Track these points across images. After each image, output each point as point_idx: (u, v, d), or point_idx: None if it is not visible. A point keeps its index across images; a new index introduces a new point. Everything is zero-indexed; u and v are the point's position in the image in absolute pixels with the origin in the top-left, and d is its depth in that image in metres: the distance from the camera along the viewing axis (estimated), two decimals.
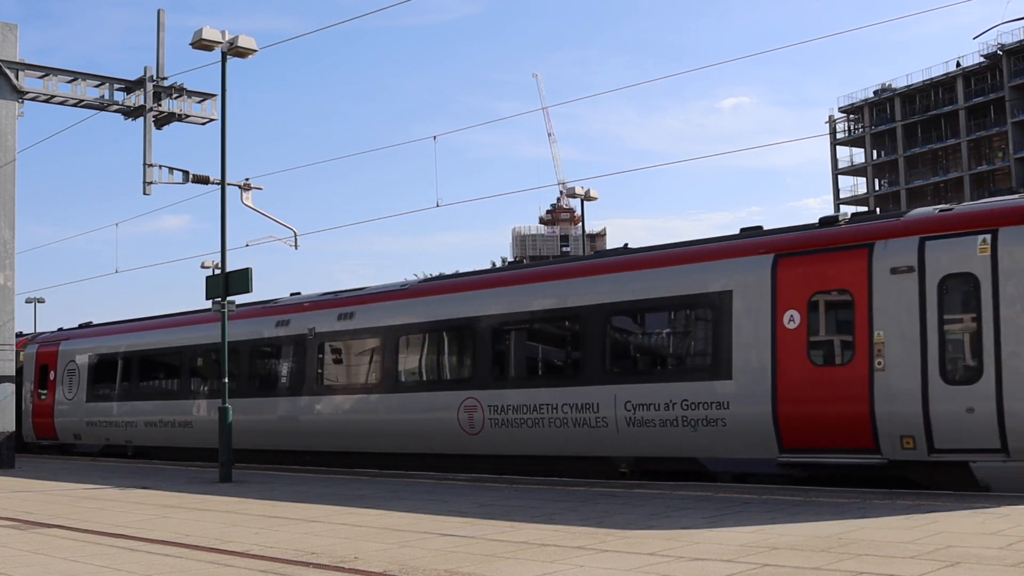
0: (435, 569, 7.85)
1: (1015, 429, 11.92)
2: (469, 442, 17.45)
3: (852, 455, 13.18)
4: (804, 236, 14.55)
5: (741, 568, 7.39)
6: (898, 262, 13.03)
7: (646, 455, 15.37)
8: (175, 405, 23.84)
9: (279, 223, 23.50)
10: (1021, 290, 12.19)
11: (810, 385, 13.60)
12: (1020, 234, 12.29)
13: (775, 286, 14.09)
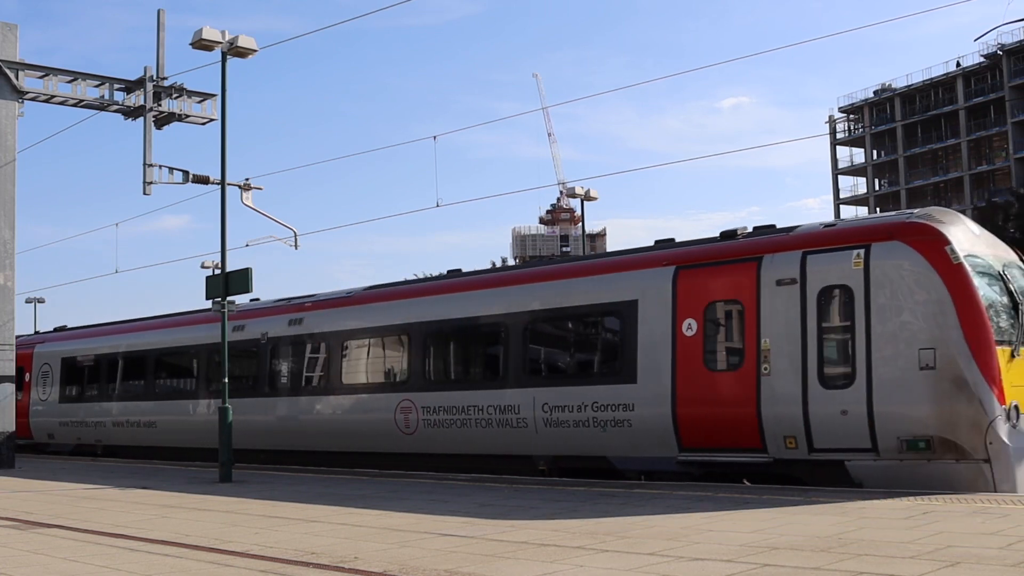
0: (435, 569, 7.85)
1: (884, 430, 12.80)
2: (405, 441, 18.43)
3: (742, 454, 14.08)
4: (702, 249, 15.61)
5: (741, 568, 7.39)
6: (782, 274, 13.95)
7: (562, 454, 16.29)
8: (140, 406, 24.97)
9: (279, 223, 23.52)
10: (890, 301, 13.07)
11: (705, 389, 14.54)
12: (890, 249, 13.22)
13: (675, 296, 15.08)
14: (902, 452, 12.78)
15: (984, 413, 12.35)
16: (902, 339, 12.97)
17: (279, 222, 23.58)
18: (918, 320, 12.95)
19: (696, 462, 14.60)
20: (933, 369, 12.67)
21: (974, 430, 12.37)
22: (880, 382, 12.96)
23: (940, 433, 12.56)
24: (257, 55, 18.44)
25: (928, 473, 12.63)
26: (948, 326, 12.70)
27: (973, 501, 11.13)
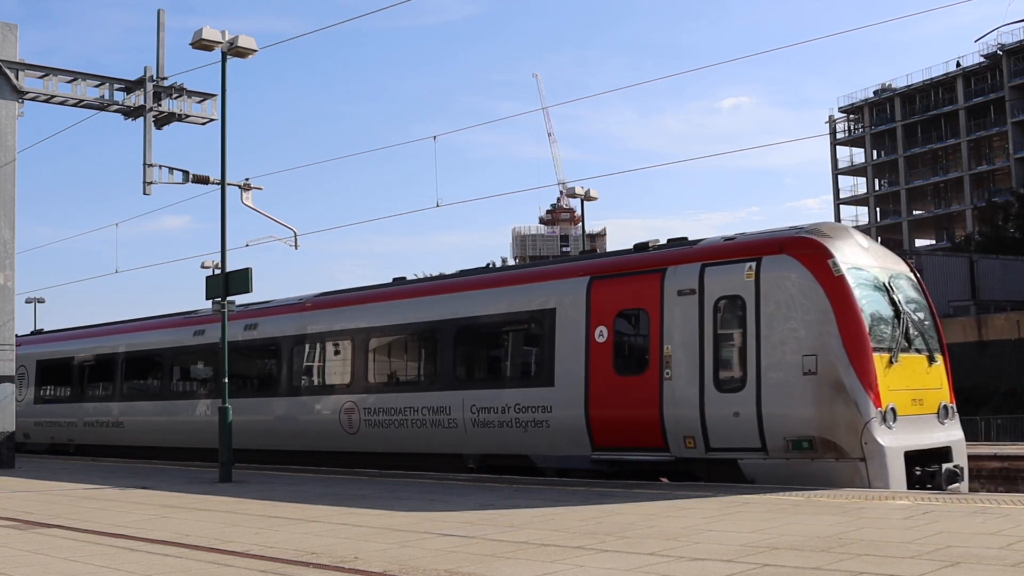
0: (435, 569, 7.85)
1: (771, 431, 13.70)
2: (349, 441, 19.52)
3: (647, 453, 15.08)
4: (614, 261, 16.74)
5: (741, 568, 7.39)
6: (683, 285, 14.91)
7: (488, 452, 17.28)
8: (108, 407, 26.20)
9: (279, 223, 23.52)
10: (777, 310, 13.96)
11: (615, 392, 15.48)
12: (778, 262, 14.12)
13: (589, 305, 16.04)
14: (788, 451, 13.64)
15: (860, 415, 13.20)
16: (788, 346, 13.81)
17: (279, 222, 23.59)
18: (802, 328, 13.79)
19: (607, 460, 15.58)
20: (815, 374, 13.50)
21: (851, 431, 13.21)
22: (768, 386, 13.81)
23: (821, 434, 13.41)
24: (257, 55, 18.43)
25: (812, 471, 13.44)
26: (828, 334, 13.52)
27: (973, 501, 11.13)
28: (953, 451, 14.57)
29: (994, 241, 64.11)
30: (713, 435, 14.29)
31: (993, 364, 42.29)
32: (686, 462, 14.72)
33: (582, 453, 15.81)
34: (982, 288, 49.04)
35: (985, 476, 23.12)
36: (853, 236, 14.96)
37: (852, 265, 14.08)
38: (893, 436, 13.33)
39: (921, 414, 14.21)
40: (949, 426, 14.80)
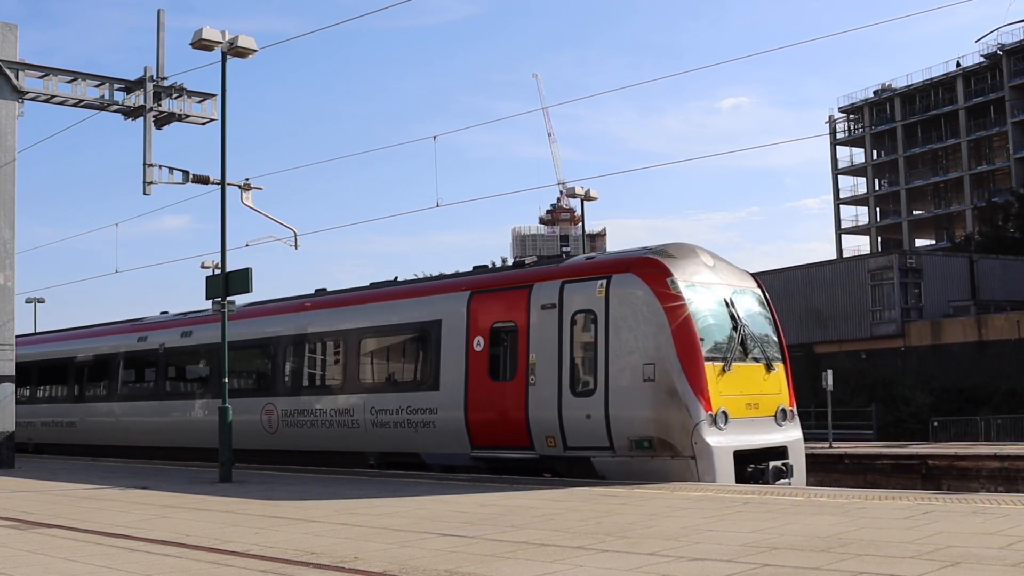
0: (435, 569, 7.85)
1: (618, 432, 15.24)
2: (269, 439, 21.24)
3: (516, 451, 16.62)
4: (492, 277, 18.51)
5: (741, 568, 7.40)
6: (546, 300, 16.45)
7: (386, 451, 18.90)
8: (62, 408, 27.81)
9: (279, 223, 23.50)
10: (623, 323, 15.48)
11: (489, 396, 17.03)
12: (625, 280, 15.64)
13: (469, 317, 17.62)
14: (632, 450, 15.21)
15: (691, 418, 14.69)
16: (631, 355, 15.34)
17: (279, 222, 23.57)
18: (643, 339, 15.33)
19: (484, 458, 17.16)
20: (653, 381, 15.05)
21: (683, 432, 14.73)
22: (615, 391, 15.36)
23: (658, 434, 14.99)
24: (257, 55, 18.42)
25: (652, 467, 14.96)
26: (665, 345, 15.04)
27: (973, 501, 11.14)
28: (789, 450, 16.02)
29: (994, 241, 64.07)
30: (570, 435, 15.80)
31: (993, 364, 42.29)
32: (549, 459, 16.22)
33: (463, 451, 17.39)
34: (982, 288, 49.03)
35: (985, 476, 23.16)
36: (699, 256, 16.45)
37: (692, 283, 15.63)
38: (722, 437, 14.80)
39: (757, 417, 15.70)
40: (787, 427, 16.30)
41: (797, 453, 16.17)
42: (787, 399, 16.53)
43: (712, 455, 14.57)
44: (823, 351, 48.06)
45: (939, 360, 44.27)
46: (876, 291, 46.88)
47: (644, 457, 15.10)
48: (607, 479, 15.07)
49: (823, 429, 36.77)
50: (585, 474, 15.55)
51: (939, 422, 37.84)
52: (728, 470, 14.75)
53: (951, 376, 43.11)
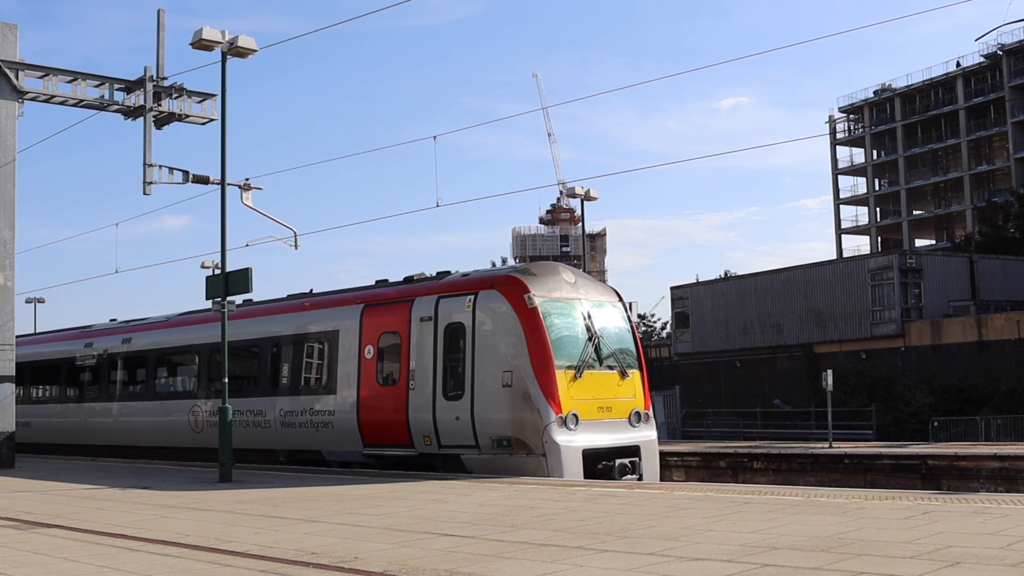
0: (435, 569, 7.85)
1: (482, 432, 16.98)
2: (196, 439, 23.23)
3: (400, 449, 18.43)
4: (382, 292, 20.03)
5: (741, 568, 7.40)
6: (424, 313, 18.20)
7: (293, 448, 20.83)
8: (19, 409, 29.80)
9: (279, 223, 23.51)
10: (487, 335, 17.17)
11: (377, 399, 18.84)
12: (489, 296, 17.34)
13: (361, 328, 19.41)
14: (494, 448, 16.87)
15: (542, 420, 16.30)
16: (493, 364, 16.99)
17: (279, 222, 23.58)
18: (502, 349, 16.98)
19: (373, 455, 18.96)
20: (510, 387, 16.71)
21: (535, 432, 16.39)
22: (479, 396, 17.05)
23: (515, 434, 16.63)
24: (257, 55, 18.43)
25: (511, 464, 16.55)
26: (521, 354, 16.67)
27: (973, 501, 11.14)
28: (642, 449, 17.56)
29: (994, 241, 64.02)
30: (443, 435, 17.56)
31: (993, 364, 42.28)
32: (427, 456, 18.00)
33: (357, 449, 19.27)
34: (982, 288, 49.01)
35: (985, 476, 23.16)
36: (560, 274, 18.13)
37: (550, 298, 17.28)
38: (572, 436, 16.46)
39: (609, 419, 17.30)
40: (641, 429, 17.82)
41: (649, 451, 17.72)
42: (642, 403, 18.01)
43: (560, 453, 16.22)
44: (823, 351, 48.07)
45: (939, 360, 44.27)
46: (876, 291, 46.88)
47: (504, 454, 16.79)
48: (473, 473, 16.86)
49: (823, 429, 36.82)
50: (457, 470, 17.27)
51: (939, 422, 37.84)
52: (576, 466, 16.35)
53: (951, 376, 43.11)
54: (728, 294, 54.19)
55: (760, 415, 47.06)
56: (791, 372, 49.37)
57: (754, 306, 52.01)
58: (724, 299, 54.11)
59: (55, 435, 28.47)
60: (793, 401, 47.95)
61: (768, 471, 26.29)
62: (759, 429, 44.99)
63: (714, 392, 52.43)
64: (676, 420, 49.95)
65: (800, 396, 47.23)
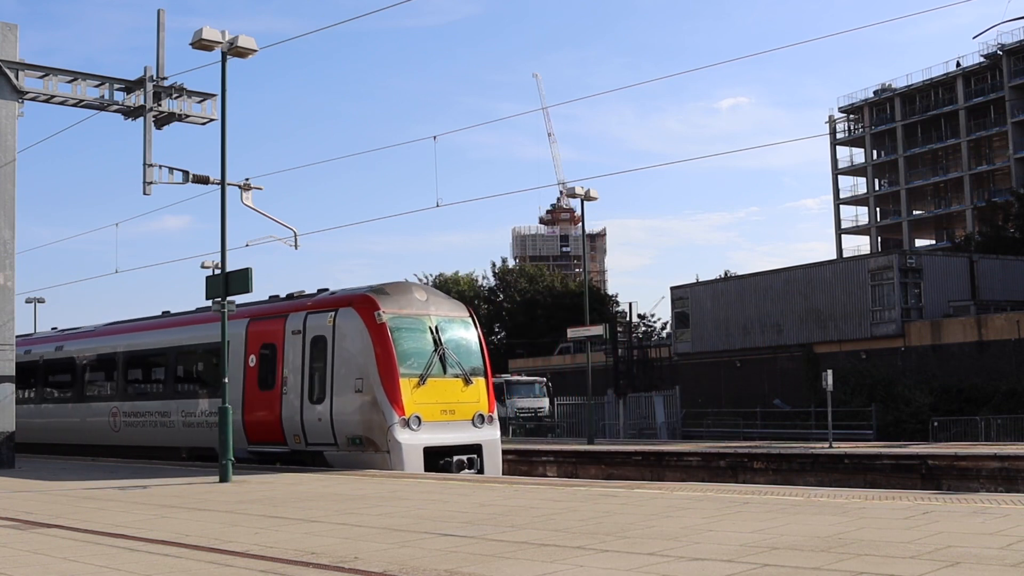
0: (435, 569, 7.85)
1: (340, 432, 19.38)
2: (114, 437, 25.83)
3: (276, 446, 20.89)
4: (265, 307, 22.42)
5: (741, 568, 7.39)
6: (295, 327, 20.53)
7: (193, 446, 23.18)
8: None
9: (279, 223, 23.50)
10: (344, 346, 19.49)
11: (258, 403, 21.20)
12: (346, 313, 19.61)
13: (247, 339, 21.72)
14: (349, 446, 19.29)
15: (386, 421, 18.61)
16: (348, 372, 19.28)
17: (279, 222, 23.57)
18: (355, 359, 19.25)
19: (255, 452, 21.40)
20: (361, 392, 19.04)
21: (381, 432, 18.74)
22: (337, 400, 19.40)
23: (365, 434, 19.05)
24: (257, 55, 18.41)
25: (364, 460, 18.92)
26: (369, 363, 18.96)
27: (973, 501, 11.14)
28: (484, 447, 19.71)
29: (994, 241, 63.99)
30: (309, 434, 19.93)
31: (993, 364, 42.26)
32: (298, 453, 20.34)
33: (243, 446, 21.24)
34: (982, 288, 48.97)
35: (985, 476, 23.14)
36: (413, 292, 20.47)
37: (399, 315, 19.53)
38: (414, 435, 18.67)
39: (453, 420, 19.43)
40: (484, 429, 19.92)
41: (491, 449, 19.87)
42: (485, 407, 20.14)
43: (402, 450, 18.51)
44: (823, 351, 48.06)
45: (939, 360, 44.26)
46: (876, 291, 46.86)
47: (358, 451, 19.14)
48: (334, 468, 19.10)
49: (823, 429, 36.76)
50: (321, 464, 19.58)
51: (939, 422, 37.81)
52: (418, 462, 18.56)
53: (951, 376, 43.08)
54: (728, 294, 54.18)
55: (760, 415, 47.05)
56: (791, 372, 49.36)
57: (754, 306, 52.00)
58: (724, 299, 54.10)
59: (23, 435, 30.77)
60: (793, 401, 47.94)
61: (768, 471, 26.28)
62: (759, 429, 44.97)
63: (714, 392, 52.42)
64: (676, 420, 49.91)
65: (800, 396, 47.21)
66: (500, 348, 79.67)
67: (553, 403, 56.20)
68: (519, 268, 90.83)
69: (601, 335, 39.60)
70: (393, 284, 20.59)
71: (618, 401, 51.53)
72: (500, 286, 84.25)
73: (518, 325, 79.26)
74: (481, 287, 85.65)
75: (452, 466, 18.98)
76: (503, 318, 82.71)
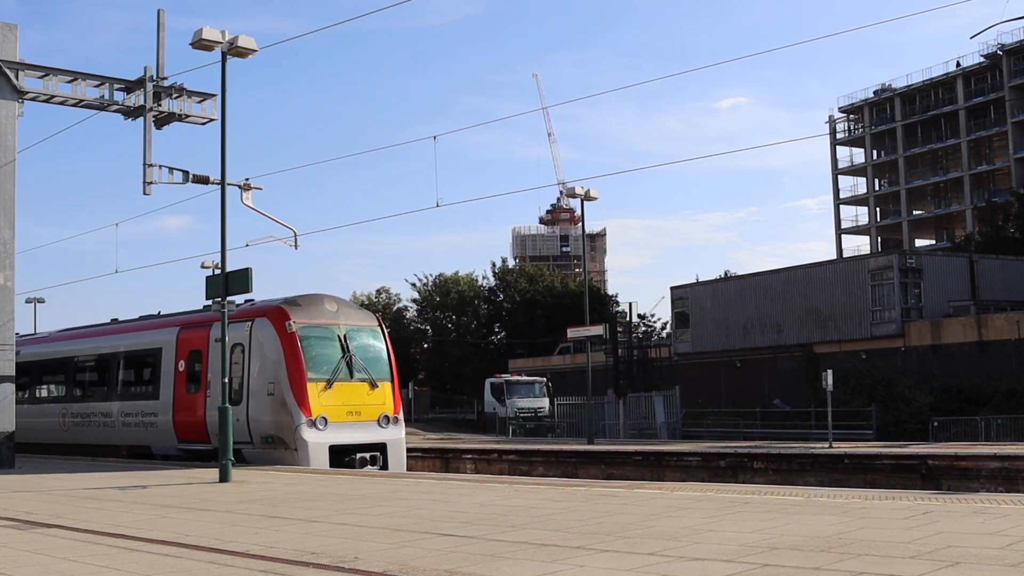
0: (435, 569, 7.85)
1: (255, 431, 21.26)
2: (64, 436, 27.85)
3: (201, 444, 22.71)
4: (194, 317, 24.60)
5: (741, 568, 7.39)
6: (217, 335, 20.54)
7: (131, 444, 25.10)
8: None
9: (279, 223, 23.49)
10: (259, 354, 21.44)
11: (186, 404, 23.22)
12: (261, 323, 21.58)
13: (177, 346, 23.87)
14: (263, 444, 21.19)
15: (294, 421, 20.56)
16: (262, 376, 21.18)
17: (279, 222, 23.55)
18: (268, 365, 21.15)
19: (184, 449, 23.41)
20: (273, 395, 20.93)
21: (290, 431, 20.67)
22: (252, 402, 21.24)
23: (276, 433, 20.92)
24: (257, 56, 18.41)
25: (276, 456, 20.89)
26: (280, 369, 20.88)
27: (973, 501, 11.14)
28: (388, 446, 21.44)
29: (994, 241, 63.94)
30: None
31: (993, 364, 42.24)
32: None
33: (174, 444, 23.62)
34: (982, 288, 48.95)
35: (985, 476, 23.14)
36: (323, 304, 22.17)
37: (309, 324, 21.40)
38: (320, 435, 20.56)
39: (359, 421, 21.18)
40: (389, 429, 21.70)
41: (395, 448, 21.65)
42: (391, 409, 21.86)
43: (308, 448, 20.39)
44: (823, 351, 48.05)
45: (939, 360, 44.26)
46: (876, 291, 46.85)
47: (270, 449, 21.01)
48: (250, 464, 20.93)
49: (823, 429, 36.76)
50: (240, 461, 20.66)
51: (939, 422, 37.81)
52: (323, 459, 20.45)
53: (951, 376, 43.07)
54: (728, 294, 54.18)
55: (760, 415, 47.05)
56: (791, 372, 49.35)
57: (754, 306, 52.00)
58: (724, 299, 54.10)
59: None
60: (793, 401, 47.93)
61: (768, 471, 26.27)
62: (759, 429, 44.97)
63: (714, 392, 52.41)
64: (676, 420, 49.92)
65: (800, 396, 47.20)
66: (500, 348, 79.69)
67: (553, 403, 56.24)
68: (519, 268, 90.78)
69: (601, 335, 39.65)
70: (305, 296, 22.32)
71: (618, 401, 51.55)
72: (500, 286, 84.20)
73: (518, 325, 79.23)
74: (481, 287, 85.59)
75: (356, 463, 20.69)
76: (503, 318, 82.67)
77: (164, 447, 24.15)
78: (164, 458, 23.87)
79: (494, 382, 60.69)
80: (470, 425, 64.97)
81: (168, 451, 24.02)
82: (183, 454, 23.45)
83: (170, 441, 23.68)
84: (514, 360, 72.15)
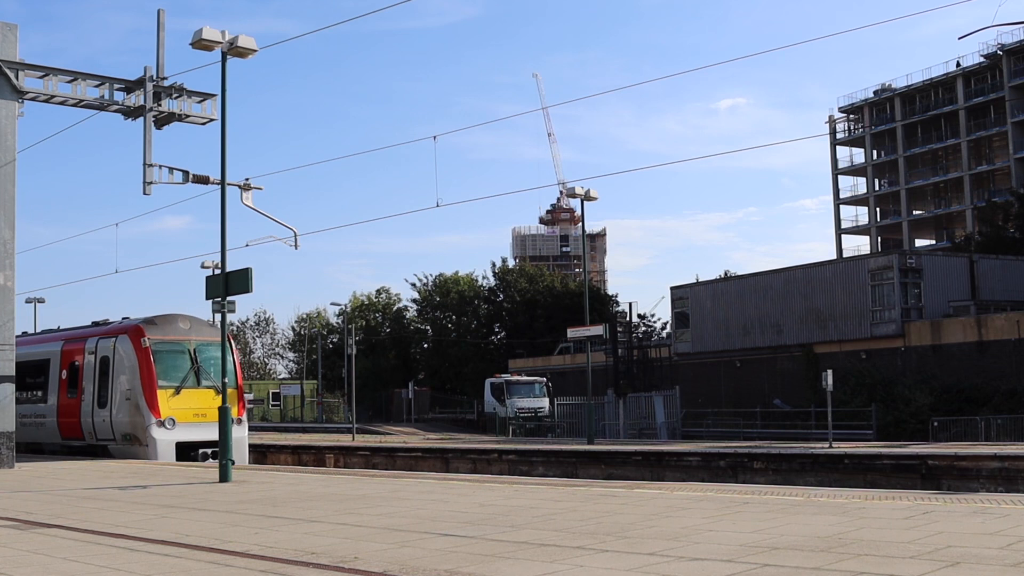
0: (435, 569, 7.85)
1: (117, 431, 25.59)
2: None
3: (78, 441, 27.02)
4: (76, 332, 29.00)
5: (741, 568, 7.39)
6: (91, 349, 26.83)
7: (28, 441, 28.22)
8: None
9: (279, 223, 23.52)
10: (121, 365, 25.67)
11: (68, 408, 27.50)
12: (122, 339, 25.81)
13: (61, 357, 28.21)
14: (123, 441, 25.38)
15: (146, 422, 24.80)
16: (123, 384, 25.51)
17: (279, 222, 23.59)
18: (127, 375, 25.44)
19: (65, 445, 27.60)
20: (130, 400, 25.22)
21: (143, 431, 24.89)
22: (115, 406, 25.61)
23: (133, 432, 25.14)
24: (258, 56, 18.42)
25: (133, 452, 24.94)
26: (136, 378, 25.14)
27: (973, 501, 11.14)
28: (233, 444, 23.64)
29: (994, 241, 63.94)
30: (98, 432, 26.18)
31: (993, 364, 42.25)
32: (92, 446, 26.41)
33: (58, 441, 27.93)
34: (982, 288, 48.96)
35: (985, 476, 23.13)
36: (177, 323, 26.42)
37: (163, 340, 25.63)
38: (168, 433, 24.73)
39: (204, 422, 24.45)
40: (233, 429, 22.80)
41: (238, 444, 24.13)
42: (235, 412, 23.65)
43: (157, 444, 24.59)
44: (823, 351, 48.06)
45: (939, 360, 44.26)
46: (876, 291, 46.85)
47: (129, 445, 25.15)
48: (115, 457, 25.10)
49: (823, 429, 36.78)
50: (106, 455, 25.49)
51: (939, 422, 37.81)
52: (170, 454, 24.50)
53: (951, 376, 43.07)
54: (728, 294, 54.19)
55: (760, 415, 47.07)
56: (791, 372, 49.36)
57: (754, 306, 52.00)
58: (724, 299, 54.10)
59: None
60: (793, 401, 47.94)
61: (768, 471, 26.27)
62: (759, 429, 44.99)
63: (714, 392, 52.43)
64: (676, 420, 49.92)
65: (800, 396, 47.21)
66: (500, 348, 79.69)
67: (553, 403, 56.25)
68: (519, 268, 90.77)
69: (601, 335, 39.65)
70: (162, 316, 26.61)
71: (618, 401, 51.57)
72: (500, 286, 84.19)
73: (518, 325, 79.25)
74: (481, 287, 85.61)
75: (199, 457, 24.57)
76: (503, 318, 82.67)
77: (52, 443, 28.39)
78: (52, 452, 28.23)
79: (494, 382, 60.71)
80: (470, 425, 65.00)
81: (55, 447, 28.30)
82: (64, 449, 27.75)
83: (56, 438, 28.04)
84: (514, 360, 72.17)
